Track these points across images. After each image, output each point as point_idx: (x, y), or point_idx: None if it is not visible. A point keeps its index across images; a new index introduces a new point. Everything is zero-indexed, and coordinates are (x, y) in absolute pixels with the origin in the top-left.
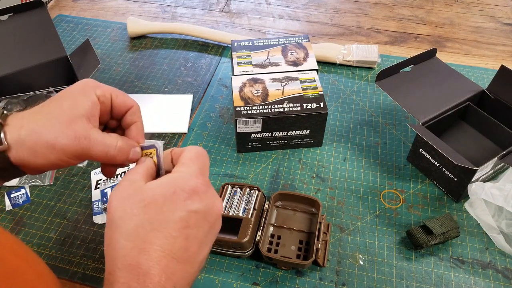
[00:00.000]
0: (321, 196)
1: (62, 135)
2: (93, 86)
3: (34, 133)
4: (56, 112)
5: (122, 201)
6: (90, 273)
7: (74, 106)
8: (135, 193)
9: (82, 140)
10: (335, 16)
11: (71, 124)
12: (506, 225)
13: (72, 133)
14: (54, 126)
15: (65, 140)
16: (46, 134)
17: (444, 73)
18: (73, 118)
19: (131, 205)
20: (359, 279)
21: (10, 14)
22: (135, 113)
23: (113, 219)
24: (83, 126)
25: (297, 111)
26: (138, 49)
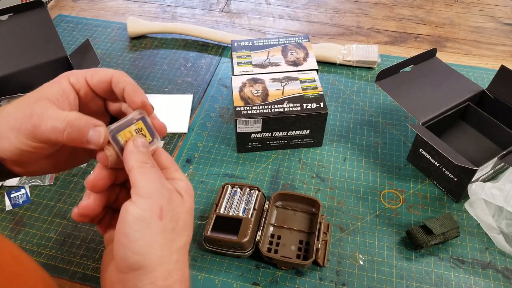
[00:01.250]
0: (321, 196)
1: (20, 115)
2: (67, 74)
3: (2, 118)
4: (26, 99)
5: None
6: (90, 273)
7: (42, 91)
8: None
9: (35, 118)
10: (335, 16)
11: (32, 104)
12: (506, 225)
13: (28, 112)
14: (19, 109)
15: (21, 119)
16: (9, 118)
17: (444, 73)
18: (36, 100)
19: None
20: (359, 279)
21: (10, 14)
22: (119, 81)
23: None
24: (42, 105)
25: (297, 111)
26: (138, 49)
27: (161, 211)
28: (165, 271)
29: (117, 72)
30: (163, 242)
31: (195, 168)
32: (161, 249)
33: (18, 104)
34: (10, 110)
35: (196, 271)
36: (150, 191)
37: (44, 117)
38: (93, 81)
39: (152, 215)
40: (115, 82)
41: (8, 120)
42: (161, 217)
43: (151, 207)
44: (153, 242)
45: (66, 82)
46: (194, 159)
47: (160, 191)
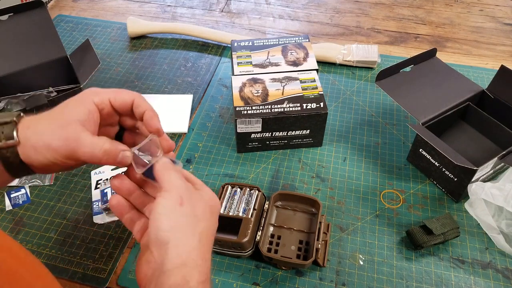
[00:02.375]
0: (321, 196)
1: (56, 136)
2: (91, 94)
3: (36, 134)
4: (56, 117)
5: None
6: (90, 273)
7: (71, 112)
8: None
9: (72, 142)
10: (335, 16)
11: (65, 127)
12: (506, 225)
13: (64, 135)
14: (52, 129)
15: (58, 141)
16: (44, 135)
17: (444, 73)
18: (68, 122)
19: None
20: (359, 279)
21: (10, 14)
22: (140, 105)
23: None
24: (75, 129)
25: (297, 111)
26: (138, 49)
27: (181, 200)
28: (189, 246)
29: (137, 95)
30: (185, 223)
31: (195, 168)
32: (183, 229)
33: (50, 123)
34: (42, 128)
35: None
36: (172, 185)
37: (81, 143)
38: (116, 103)
39: (174, 202)
40: (136, 105)
41: (43, 138)
42: (182, 204)
43: (172, 196)
44: (176, 222)
45: (91, 103)
46: (194, 159)
47: (180, 185)
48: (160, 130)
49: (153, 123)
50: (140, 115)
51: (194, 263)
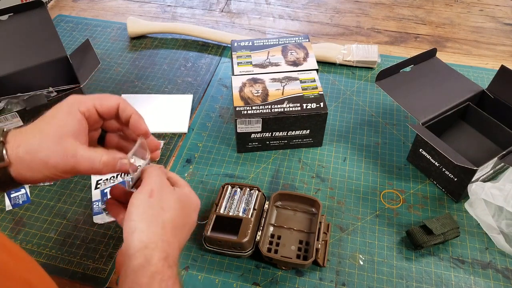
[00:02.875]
0: (321, 196)
1: (53, 154)
2: (76, 103)
3: (30, 152)
4: (47, 132)
5: None
6: (90, 273)
7: (62, 125)
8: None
9: (70, 158)
10: (335, 16)
11: (61, 143)
12: (506, 225)
13: (61, 152)
14: (47, 145)
15: (55, 158)
16: (40, 153)
17: (444, 73)
18: (61, 137)
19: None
20: (359, 279)
21: (10, 14)
22: (125, 109)
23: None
24: (70, 145)
25: (297, 111)
26: (138, 49)
27: (152, 192)
28: (151, 233)
29: (122, 99)
30: (151, 214)
31: (195, 168)
32: (148, 218)
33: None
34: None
35: (196, 271)
36: (147, 180)
37: (80, 158)
38: (102, 109)
39: (145, 194)
40: (121, 110)
41: (38, 156)
42: (151, 196)
43: (145, 189)
44: (143, 212)
45: (77, 112)
46: (194, 159)
47: (154, 181)
48: (148, 132)
49: (141, 126)
50: (126, 119)
51: (154, 244)
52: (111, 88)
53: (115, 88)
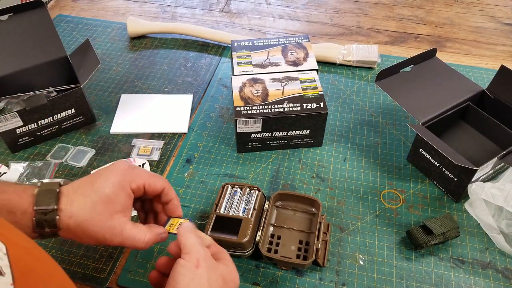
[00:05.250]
0: (321, 196)
1: (102, 230)
2: (129, 179)
3: (80, 225)
4: (98, 208)
5: None
6: (90, 273)
7: (114, 201)
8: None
9: (117, 236)
10: (335, 16)
11: (110, 220)
12: (506, 225)
13: (110, 230)
14: (97, 222)
15: (104, 234)
16: (89, 228)
17: (444, 73)
18: (112, 214)
19: None
20: (359, 279)
21: (10, 14)
22: (168, 193)
23: None
24: (118, 223)
25: (297, 111)
26: (138, 49)
27: (198, 262)
28: None
29: (167, 183)
30: (198, 285)
31: (195, 168)
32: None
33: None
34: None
35: None
36: (192, 248)
37: (125, 237)
38: (150, 189)
39: (192, 264)
40: (165, 194)
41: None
42: (198, 266)
43: (191, 258)
44: (189, 282)
45: (129, 189)
46: (194, 159)
47: (198, 250)
48: (181, 215)
49: (177, 212)
50: (166, 201)
51: None
52: (111, 88)
53: (115, 88)
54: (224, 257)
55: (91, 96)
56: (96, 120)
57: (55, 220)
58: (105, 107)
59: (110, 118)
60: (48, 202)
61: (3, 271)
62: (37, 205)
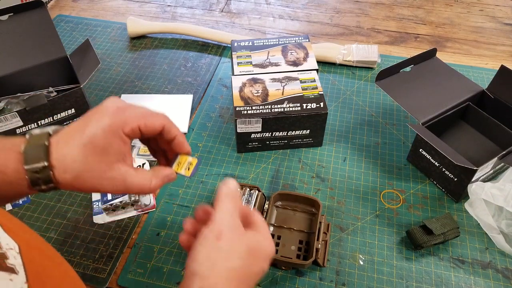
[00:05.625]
0: (321, 196)
1: (102, 183)
2: (121, 125)
3: (78, 179)
4: (93, 160)
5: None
6: (90, 273)
7: (108, 151)
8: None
9: (119, 187)
10: (335, 16)
11: (109, 172)
12: (506, 225)
13: (111, 181)
14: (96, 175)
15: (105, 187)
16: (88, 181)
17: (444, 73)
18: (109, 165)
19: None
20: (359, 279)
21: (10, 14)
22: (170, 130)
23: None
24: (118, 173)
25: (297, 111)
26: (138, 49)
27: (220, 234)
28: (213, 280)
29: (167, 120)
30: (216, 258)
31: None
32: (213, 263)
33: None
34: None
35: None
36: (218, 217)
37: (129, 185)
38: (147, 129)
39: (213, 235)
40: (166, 131)
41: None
42: (219, 239)
43: (213, 229)
44: (209, 256)
45: (122, 135)
46: None
47: (225, 221)
48: (190, 151)
49: (184, 148)
50: (170, 139)
51: None
52: (111, 88)
53: (115, 88)
54: (255, 222)
55: (91, 96)
56: None
57: (49, 176)
58: None
59: None
60: (38, 159)
61: (17, 270)
62: (27, 163)
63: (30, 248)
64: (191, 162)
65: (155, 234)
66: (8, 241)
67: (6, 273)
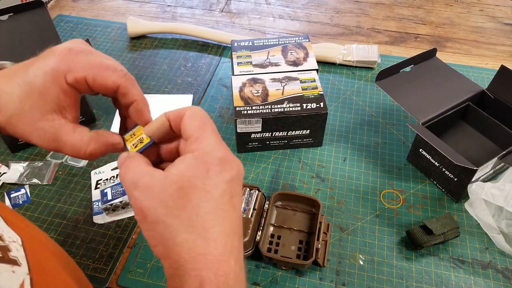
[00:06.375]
0: (321, 196)
1: (33, 131)
2: (64, 70)
3: (9, 122)
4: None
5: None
6: (90, 273)
7: (44, 97)
8: (167, 185)
9: (51, 142)
10: (335, 16)
11: (41, 121)
12: (506, 225)
13: (41, 133)
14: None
15: (36, 139)
16: (19, 127)
17: (444, 73)
18: (43, 114)
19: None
20: (359, 279)
21: (10, 14)
22: (127, 93)
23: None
24: (51, 125)
25: (297, 111)
26: (138, 49)
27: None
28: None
29: (126, 79)
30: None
31: None
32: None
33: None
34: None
35: None
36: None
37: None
38: (95, 85)
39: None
40: (122, 94)
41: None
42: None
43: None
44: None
45: (63, 82)
46: None
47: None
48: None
49: (143, 118)
50: (127, 104)
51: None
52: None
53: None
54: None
55: (91, 96)
56: (96, 120)
57: None
58: (105, 107)
59: (110, 118)
60: None
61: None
62: None
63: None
64: (142, 139)
65: None
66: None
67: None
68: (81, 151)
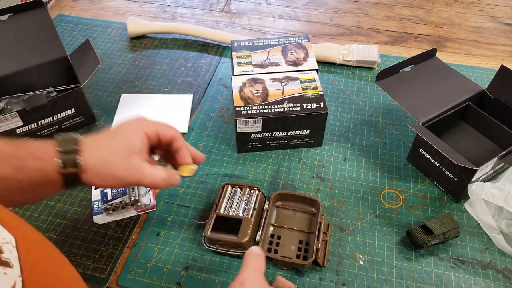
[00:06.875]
0: (321, 196)
1: (122, 168)
2: (143, 126)
3: (101, 163)
4: (117, 148)
5: None
6: (90, 273)
7: (129, 143)
8: None
9: (136, 173)
10: (335, 16)
11: (128, 159)
12: (506, 225)
13: (128, 167)
14: (116, 160)
15: (124, 172)
16: (110, 166)
17: (444, 73)
18: (129, 154)
19: None
20: (359, 279)
21: (10, 14)
22: (178, 141)
23: None
24: (136, 162)
25: (297, 111)
26: (138, 49)
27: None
28: None
29: (177, 132)
30: None
31: None
32: None
33: (112, 152)
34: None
35: (196, 271)
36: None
37: (144, 174)
38: (165, 137)
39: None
40: (175, 141)
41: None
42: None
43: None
44: None
45: (144, 134)
46: None
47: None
48: (190, 163)
49: (186, 160)
50: (176, 149)
51: None
52: (111, 88)
53: (115, 88)
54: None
55: (91, 96)
56: (96, 120)
57: (75, 160)
58: (105, 107)
59: (110, 118)
60: (69, 144)
61: (12, 263)
62: (60, 146)
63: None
64: (192, 168)
65: (155, 234)
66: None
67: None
68: (159, 176)
